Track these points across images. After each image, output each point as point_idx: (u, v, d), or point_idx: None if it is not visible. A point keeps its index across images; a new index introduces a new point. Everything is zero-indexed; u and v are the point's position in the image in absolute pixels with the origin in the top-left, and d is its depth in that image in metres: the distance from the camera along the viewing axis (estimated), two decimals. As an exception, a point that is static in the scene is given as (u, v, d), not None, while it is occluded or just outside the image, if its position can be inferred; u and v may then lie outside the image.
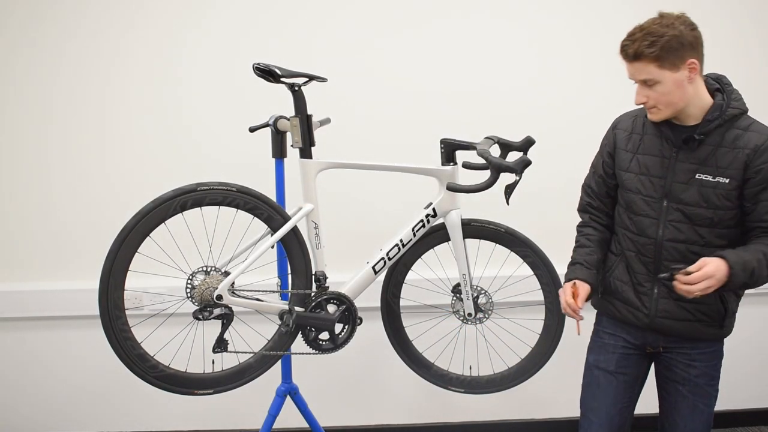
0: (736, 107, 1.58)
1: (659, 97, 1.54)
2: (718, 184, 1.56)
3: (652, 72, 1.51)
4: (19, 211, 2.52)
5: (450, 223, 2.01)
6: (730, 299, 1.67)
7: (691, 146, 1.58)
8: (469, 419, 2.70)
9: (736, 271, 1.49)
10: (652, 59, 1.49)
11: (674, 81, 1.51)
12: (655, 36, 1.48)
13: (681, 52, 1.49)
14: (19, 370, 2.60)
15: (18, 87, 2.47)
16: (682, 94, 1.53)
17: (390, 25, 2.51)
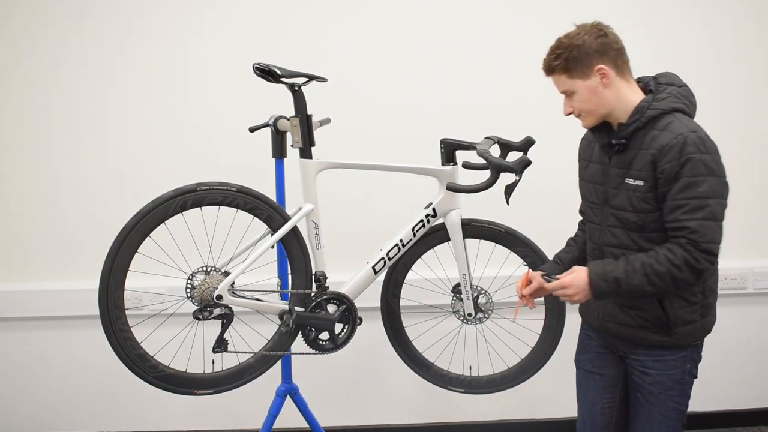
0: (657, 107, 1.54)
1: (579, 106, 1.58)
2: (637, 187, 1.56)
3: (566, 83, 1.57)
4: (20, 212, 2.52)
5: (450, 223, 2.01)
6: (672, 306, 1.59)
7: (608, 151, 1.61)
8: (469, 419, 2.70)
9: (596, 282, 1.54)
10: (561, 71, 1.56)
11: (587, 89, 1.55)
12: (560, 49, 1.55)
13: (587, 61, 1.53)
14: (18, 370, 2.60)
15: (20, 87, 2.47)
16: (599, 100, 1.56)
17: (390, 25, 2.51)
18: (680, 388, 1.64)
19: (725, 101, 2.61)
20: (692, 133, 1.48)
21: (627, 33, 1.62)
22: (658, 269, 1.49)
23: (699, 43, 2.59)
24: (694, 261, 1.47)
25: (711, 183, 1.46)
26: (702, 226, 1.46)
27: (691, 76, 2.55)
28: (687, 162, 1.46)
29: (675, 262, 1.47)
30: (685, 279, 1.49)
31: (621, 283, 1.52)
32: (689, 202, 1.46)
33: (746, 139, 2.63)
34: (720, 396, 2.75)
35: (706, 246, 1.46)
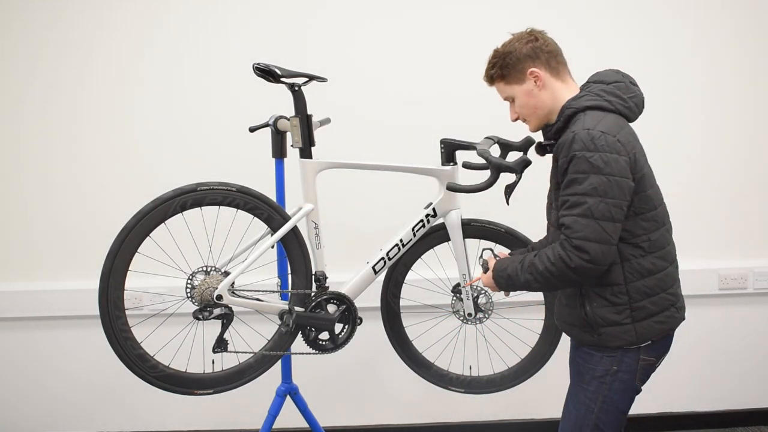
0: (571, 107, 1.54)
1: (521, 110, 1.64)
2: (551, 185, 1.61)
3: (505, 90, 1.64)
4: (20, 211, 2.52)
5: (450, 223, 2.01)
6: (592, 305, 1.56)
7: (540, 152, 1.67)
8: (469, 419, 2.70)
9: (496, 277, 1.64)
10: (499, 79, 1.63)
11: (525, 92, 1.60)
12: (495, 59, 1.63)
13: (519, 66, 1.59)
14: (18, 370, 2.60)
15: (20, 87, 2.47)
16: (536, 102, 1.60)
17: (391, 25, 2.51)
18: (597, 386, 1.59)
19: (724, 101, 2.61)
20: (584, 131, 1.46)
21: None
22: (538, 267, 1.52)
23: (698, 43, 2.59)
24: (567, 258, 1.46)
25: (593, 181, 1.44)
26: (575, 222, 1.46)
27: (690, 75, 2.58)
28: (572, 159, 1.46)
29: (551, 259, 1.49)
30: (563, 277, 1.48)
31: (513, 279, 1.59)
32: (569, 199, 1.48)
33: (746, 140, 2.63)
34: (720, 396, 2.75)
35: (577, 243, 1.45)
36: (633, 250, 1.54)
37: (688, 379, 2.73)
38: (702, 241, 2.66)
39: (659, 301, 1.58)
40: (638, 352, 1.59)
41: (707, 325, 2.70)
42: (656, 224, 1.58)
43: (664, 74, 2.58)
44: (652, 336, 1.58)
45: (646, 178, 1.55)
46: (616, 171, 1.45)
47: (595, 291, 1.56)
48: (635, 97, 1.61)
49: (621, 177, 1.46)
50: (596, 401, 1.60)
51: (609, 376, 1.59)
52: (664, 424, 2.74)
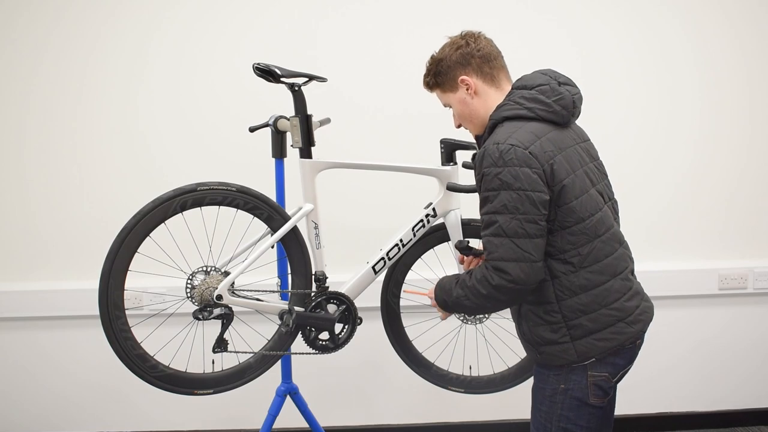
0: (493, 118, 1.51)
1: (459, 118, 1.63)
2: None
3: (442, 97, 1.64)
4: (20, 211, 2.52)
5: (450, 223, 2.01)
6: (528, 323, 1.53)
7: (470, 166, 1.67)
8: (469, 419, 2.70)
9: (436, 291, 1.62)
10: (434, 86, 1.63)
11: (458, 100, 1.58)
12: (430, 66, 1.62)
13: (451, 74, 1.57)
14: (18, 370, 2.60)
15: (20, 87, 2.47)
16: (470, 110, 1.58)
17: (391, 25, 2.51)
18: (549, 406, 1.55)
19: (722, 102, 2.61)
20: (493, 146, 1.41)
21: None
22: (468, 284, 1.49)
23: (695, 43, 2.59)
24: (489, 278, 1.43)
25: (503, 197, 1.39)
26: (489, 243, 1.43)
27: (688, 75, 2.58)
28: (483, 177, 1.43)
29: (478, 277, 1.46)
30: (489, 295, 1.45)
31: (448, 294, 1.56)
32: (484, 218, 1.45)
33: (746, 140, 2.63)
34: (720, 396, 2.75)
35: (494, 263, 1.42)
36: (562, 266, 1.46)
37: (688, 379, 2.73)
38: (702, 241, 2.66)
39: (599, 318, 1.48)
40: (585, 369, 1.51)
41: (707, 325, 2.70)
42: (586, 237, 1.46)
43: (661, 74, 2.59)
44: (596, 354, 1.49)
45: (567, 189, 1.43)
46: (526, 185, 1.39)
47: (529, 309, 1.53)
48: (562, 99, 1.48)
49: (533, 191, 1.39)
50: (551, 421, 1.55)
51: (558, 395, 1.53)
52: (664, 424, 2.74)
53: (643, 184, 2.63)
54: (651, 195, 2.64)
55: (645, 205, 2.63)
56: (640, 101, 2.59)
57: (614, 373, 1.53)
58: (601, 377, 1.51)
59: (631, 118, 2.60)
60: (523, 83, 1.53)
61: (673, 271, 2.62)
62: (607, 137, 2.46)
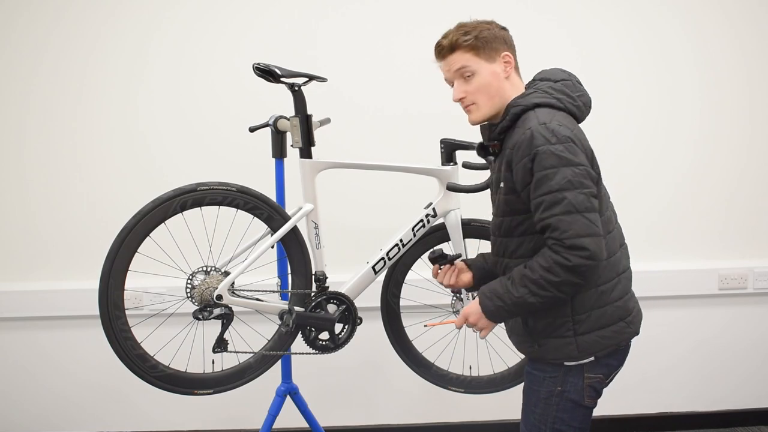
0: (518, 104, 1.45)
1: (477, 91, 1.49)
2: (500, 189, 1.50)
3: (469, 60, 1.48)
4: (20, 211, 2.52)
5: (450, 223, 2.01)
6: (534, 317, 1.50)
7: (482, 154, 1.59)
8: (469, 419, 2.70)
9: (483, 302, 1.48)
10: (468, 48, 1.47)
11: (491, 72, 1.48)
12: (469, 27, 1.50)
13: (495, 44, 1.48)
14: (18, 370, 2.60)
15: (20, 87, 2.47)
16: (498, 86, 1.48)
17: (391, 25, 2.51)
18: (543, 408, 1.52)
19: (723, 102, 2.61)
20: (541, 126, 1.38)
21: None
22: (533, 277, 1.39)
23: (695, 43, 2.59)
24: (564, 260, 1.35)
25: (565, 173, 1.35)
26: (560, 222, 1.35)
27: (688, 74, 2.58)
28: (536, 156, 1.37)
29: (545, 265, 1.37)
30: (565, 281, 1.37)
31: (504, 299, 1.44)
32: (545, 199, 1.36)
33: (746, 139, 2.63)
34: (720, 396, 2.75)
35: (570, 242, 1.34)
36: None
37: (688, 379, 2.73)
38: (702, 241, 2.66)
39: (604, 315, 1.48)
40: (581, 370, 1.50)
41: (707, 325, 2.70)
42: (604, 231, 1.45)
43: (661, 74, 2.59)
44: (595, 351, 1.48)
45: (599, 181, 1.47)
46: (583, 160, 1.38)
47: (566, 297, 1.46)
48: (583, 96, 1.52)
49: (587, 167, 1.39)
50: (546, 423, 1.52)
51: (554, 398, 1.51)
52: (664, 424, 2.74)
53: (643, 184, 2.63)
54: (651, 195, 2.64)
55: (645, 205, 2.63)
56: (640, 101, 2.59)
57: (608, 374, 1.54)
58: (597, 378, 1.51)
59: (631, 118, 2.60)
60: (546, 76, 1.53)
61: (673, 271, 2.62)
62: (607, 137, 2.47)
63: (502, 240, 1.54)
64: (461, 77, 1.50)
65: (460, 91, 1.50)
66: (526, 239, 1.49)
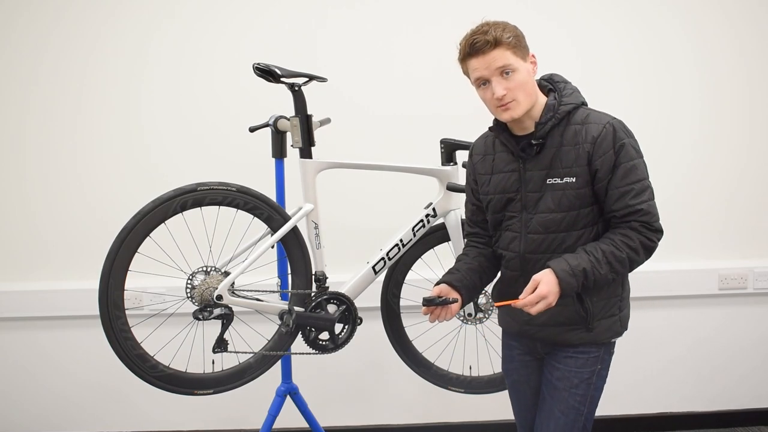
0: (569, 102, 1.53)
1: (517, 87, 1.49)
2: (566, 185, 1.52)
3: (509, 58, 1.48)
4: (20, 212, 2.52)
5: (450, 223, 2.01)
6: (592, 300, 1.54)
7: (529, 153, 1.54)
8: (469, 419, 2.70)
9: (565, 279, 1.45)
10: (509, 46, 1.48)
11: (527, 70, 1.51)
12: (504, 26, 1.50)
13: (525, 44, 1.52)
14: (18, 370, 2.60)
15: (20, 87, 2.47)
16: (533, 84, 1.54)
17: (391, 25, 2.51)
18: (585, 389, 1.59)
19: (722, 102, 2.61)
20: (615, 120, 1.51)
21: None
22: (619, 255, 1.47)
23: (695, 42, 2.59)
24: (648, 242, 1.49)
25: (642, 165, 1.51)
26: (651, 207, 1.49)
27: (688, 74, 2.58)
28: (621, 148, 1.49)
29: (632, 245, 1.48)
30: (641, 261, 1.51)
31: (588, 275, 1.46)
32: (634, 187, 1.48)
33: (746, 139, 2.63)
34: (720, 396, 2.75)
35: (657, 225, 1.50)
36: None
37: (687, 379, 2.73)
38: (702, 241, 2.66)
39: (629, 289, 1.64)
40: (612, 347, 1.63)
41: (707, 325, 2.70)
42: None
43: (661, 74, 2.59)
44: (627, 324, 1.63)
45: None
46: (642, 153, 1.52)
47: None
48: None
49: None
50: (585, 403, 1.60)
51: (595, 377, 1.60)
52: (663, 424, 2.74)
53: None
54: (651, 195, 2.64)
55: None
56: (639, 101, 2.59)
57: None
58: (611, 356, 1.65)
59: (630, 118, 2.56)
60: (562, 78, 1.60)
61: (673, 271, 2.62)
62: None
63: (557, 236, 1.54)
64: (500, 74, 1.49)
65: (502, 88, 1.49)
66: (586, 231, 1.54)
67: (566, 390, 1.60)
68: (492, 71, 1.49)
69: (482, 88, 1.53)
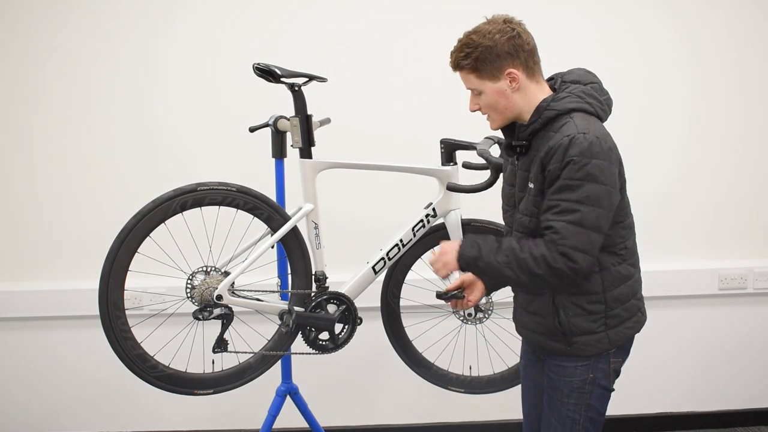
0: (553, 108, 1.46)
1: (487, 107, 1.52)
2: (530, 190, 1.50)
3: (473, 82, 1.50)
4: (20, 212, 2.52)
5: (450, 223, 2.01)
6: (567, 314, 1.52)
7: (510, 153, 1.57)
8: (469, 419, 2.70)
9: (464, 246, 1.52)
10: (470, 70, 1.48)
11: (495, 91, 1.48)
12: (470, 48, 1.46)
13: (497, 63, 1.46)
14: (18, 370, 2.60)
15: (21, 87, 2.47)
16: (507, 103, 1.49)
17: (391, 26, 2.51)
18: (577, 397, 1.56)
19: (722, 101, 2.61)
20: (580, 135, 1.40)
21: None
22: (519, 255, 1.44)
23: (693, 41, 2.59)
24: (551, 259, 1.41)
25: (588, 189, 1.39)
26: (565, 229, 1.40)
27: (688, 74, 2.58)
28: (567, 164, 1.40)
29: (534, 253, 1.43)
30: (542, 275, 1.43)
31: (483, 255, 1.48)
32: (561, 204, 1.41)
33: (746, 139, 2.63)
34: (720, 396, 2.75)
35: (563, 249, 1.40)
36: (612, 258, 1.52)
37: (687, 379, 2.73)
38: (702, 241, 2.66)
39: (630, 308, 1.56)
40: (608, 357, 1.57)
41: (707, 325, 2.70)
42: (631, 231, 1.57)
43: (661, 73, 2.58)
44: (622, 341, 1.57)
45: (624, 186, 1.52)
46: (608, 181, 1.41)
47: (571, 300, 1.52)
48: (608, 99, 1.55)
49: (611, 187, 1.42)
50: (580, 412, 1.57)
51: (587, 385, 1.56)
52: (664, 424, 2.74)
53: (642, 183, 2.62)
54: (650, 195, 2.63)
55: (645, 205, 2.62)
56: (638, 100, 2.58)
57: (625, 357, 1.62)
58: (618, 362, 1.60)
59: (629, 118, 2.59)
60: (575, 78, 1.53)
61: (673, 271, 2.62)
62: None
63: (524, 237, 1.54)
64: (471, 92, 1.54)
65: (473, 104, 1.54)
66: None
67: (558, 399, 1.59)
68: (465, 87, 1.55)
69: None
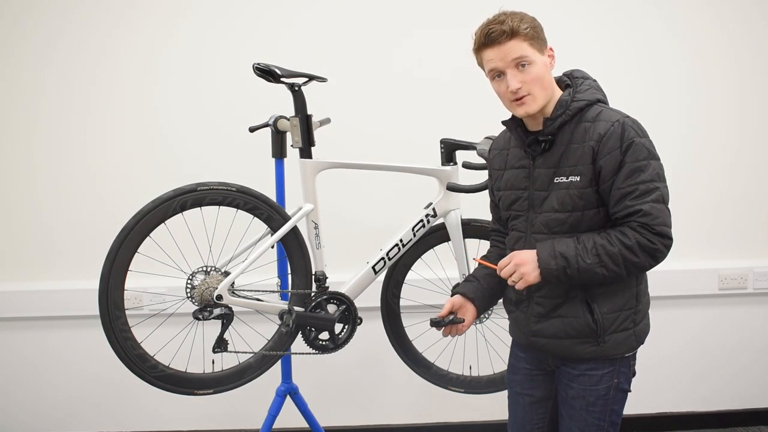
0: (582, 99, 1.46)
1: (533, 81, 1.43)
2: (570, 183, 1.46)
3: (526, 50, 1.42)
4: (20, 212, 2.52)
5: (450, 223, 2.01)
6: (602, 311, 1.48)
7: (536, 149, 1.50)
8: (469, 419, 2.70)
9: (544, 258, 1.43)
10: (526, 37, 1.42)
11: (543, 63, 1.45)
12: (522, 16, 1.44)
13: (543, 37, 1.46)
14: (18, 370, 2.60)
15: (31, 88, 2.48)
16: (550, 78, 1.47)
17: (391, 26, 2.51)
18: (603, 404, 1.53)
19: (721, 101, 2.61)
20: (627, 119, 1.43)
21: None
22: (611, 250, 1.40)
23: (692, 41, 2.59)
24: (648, 242, 1.39)
25: (654, 166, 1.42)
26: (653, 209, 1.39)
27: (688, 74, 2.58)
28: (629, 147, 1.40)
29: (627, 243, 1.39)
30: (640, 263, 1.41)
31: (571, 262, 1.41)
32: (638, 188, 1.40)
33: (746, 139, 2.63)
34: (720, 396, 2.75)
35: (659, 228, 1.40)
36: None
37: (687, 379, 2.73)
38: (702, 241, 2.66)
39: (648, 303, 1.57)
40: (629, 360, 1.56)
41: (707, 325, 2.70)
42: None
43: (658, 73, 2.58)
44: (643, 339, 1.56)
45: None
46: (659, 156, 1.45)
47: (605, 295, 1.48)
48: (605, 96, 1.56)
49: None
50: (605, 419, 1.55)
51: (612, 391, 1.54)
52: (663, 424, 2.74)
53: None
54: (651, 195, 2.64)
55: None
56: (638, 100, 2.58)
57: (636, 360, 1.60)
58: (635, 362, 1.59)
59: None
60: (583, 74, 1.54)
61: (672, 270, 2.62)
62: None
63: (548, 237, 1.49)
64: (515, 67, 1.43)
65: (517, 81, 1.43)
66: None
67: (583, 409, 1.54)
68: (507, 63, 1.43)
69: (497, 81, 1.47)
